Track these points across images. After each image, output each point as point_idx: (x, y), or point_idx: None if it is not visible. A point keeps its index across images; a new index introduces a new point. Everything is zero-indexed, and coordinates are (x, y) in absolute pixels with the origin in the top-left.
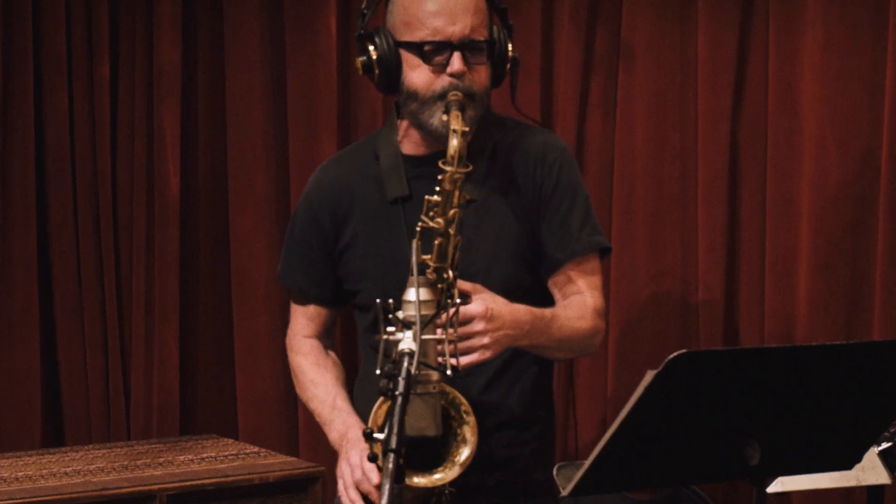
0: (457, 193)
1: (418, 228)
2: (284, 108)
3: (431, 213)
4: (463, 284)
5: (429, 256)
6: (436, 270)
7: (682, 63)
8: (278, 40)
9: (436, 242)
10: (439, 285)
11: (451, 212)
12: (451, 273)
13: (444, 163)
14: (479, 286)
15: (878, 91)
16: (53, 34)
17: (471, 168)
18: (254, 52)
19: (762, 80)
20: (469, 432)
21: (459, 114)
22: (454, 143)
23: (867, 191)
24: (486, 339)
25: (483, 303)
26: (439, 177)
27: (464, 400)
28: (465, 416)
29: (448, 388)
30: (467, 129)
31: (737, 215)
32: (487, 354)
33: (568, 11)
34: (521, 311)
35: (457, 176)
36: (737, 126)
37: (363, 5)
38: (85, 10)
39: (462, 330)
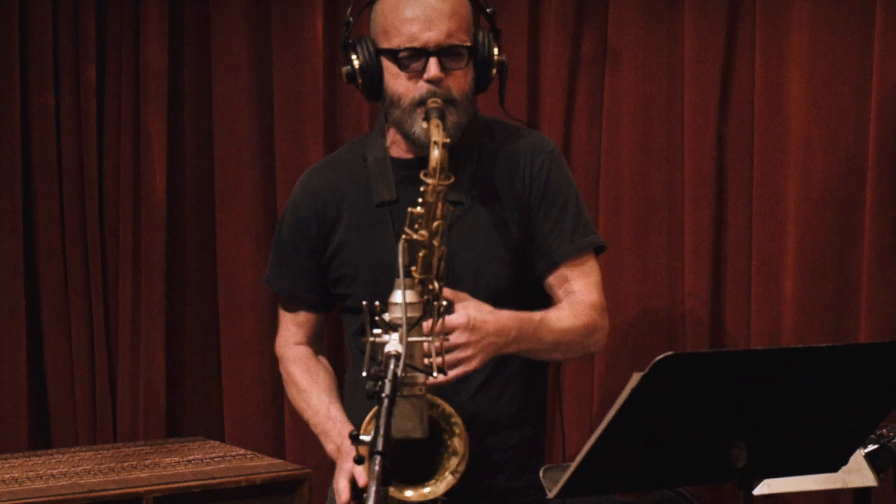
0: (440, 205)
1: (402, 243)
2: (271, 111)
3: (416, 226)
4: (447, 293)
5: (413, 268)
6: (421, 282)
7: (668, 66)
8: (265, 43)
9: (420, 254)
10: (425, 296)
11: (435, 224)
12: (436, 284)
13: (425, 175)
14: (462, 294)
15: (864, 93)
16: (40, 36)
17: (453, 179)
18: (240, 55)
19: (749, 82)
20: (459, 444)
21: (440, 123)
22: (435, 154)
23: (854, 193)
24: (469, 351)
25: (465, 313)
26: (422, 188)
27: (454, 412)
28: (454, 427)
29: (438, 401)
30: (449, 140)
31: (723, 218)
32: (473, 364)
33: (554, 14)
34: (505, 317)
35: (439, 188)
36: (723, 129)
37: (348, 13)
38: (72, 13)
39: (445, 343)
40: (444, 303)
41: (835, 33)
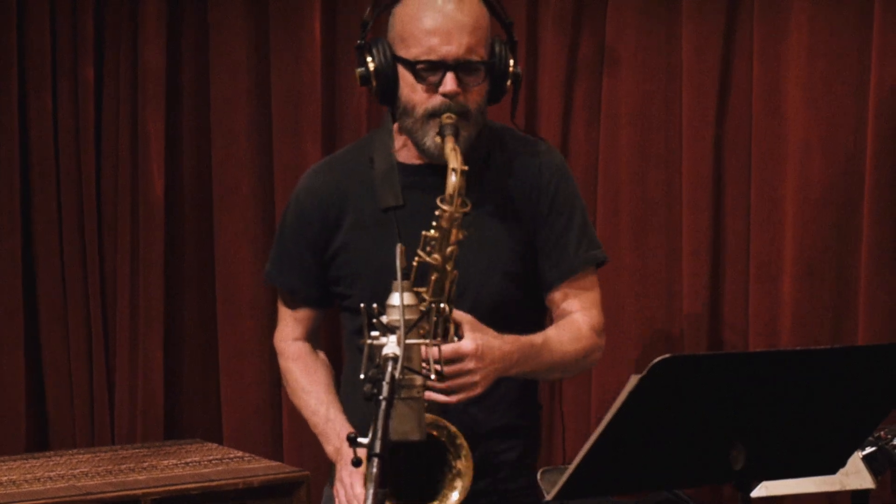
0: (454, 231)
1: (414, 264)
2: (269, 111)
3: (428, 248)
4: (458, 315)
5: (424, 289)
6: (432, 304)
7: (666, 67)
8: (263, 44)
9: (432, 278)
10: (434, 318)
11: (449, 249)
12: (446, 307)
13: (441, 201)
14: (473, 319)
15: (862, 94)
16: (38, 36)
17: (469, 207)
18: (239, 56)
19: (747, 83)
20: (464, 466)
21: (456, 147)
22: (453, 180)
23: (852, 194)
24: (476, 377)
25: (473, 340)
26: (436, 212)
27: (459, 433)
28: (460, 450)
29: (444, 423)
30: (466, 168)
31: (721, 219)
32: (477, 391)
33: (553, 16)
34: (509, 343)
35: (456, 215)
36: (721, 130)
37: (365, 14)
38: (70, 13)
39: (453, 368)
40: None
41: (833, 34)
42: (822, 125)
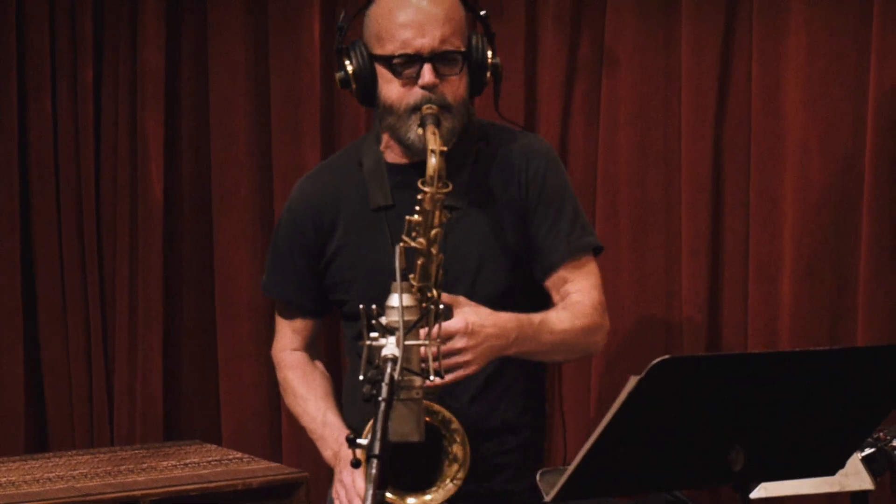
0: (437, 213)
1: (399, 247)
2: (268, 113)
3: (413, 234)
4: (445, 297)
5: (412, 275)
6: (419, 290)
7: (665, 68)
8: (262, 45)
9: (418, 262)
10: (423, 304)
11: (433, 232)
12: (434, 291)
13: (423, 183)
14: (461, 298)
15: (861, 95)
16: (37, 37)
17: (451, 188)
18: (238, 57)
19: (746, 84)
20: (459, 451)
21: (436, 130)
22: (432, 162)
23: (851, 195)
24: (468, 356)
25: (463, 318)
26: (419, 196)
27: (454, 418)
28: (455, 434)
29: (438, 408)
30: (445, 148)
31: (720, 220)
32: (472, 369)
33: (552, 16)
34: (504, 319)
35: (437, 196)
36: (720, 131)
37: (341, 18)
38: (69, 14)
39: (444, 347)
40: (441, 306)
41: (832, 35)
42: (822, 125)
